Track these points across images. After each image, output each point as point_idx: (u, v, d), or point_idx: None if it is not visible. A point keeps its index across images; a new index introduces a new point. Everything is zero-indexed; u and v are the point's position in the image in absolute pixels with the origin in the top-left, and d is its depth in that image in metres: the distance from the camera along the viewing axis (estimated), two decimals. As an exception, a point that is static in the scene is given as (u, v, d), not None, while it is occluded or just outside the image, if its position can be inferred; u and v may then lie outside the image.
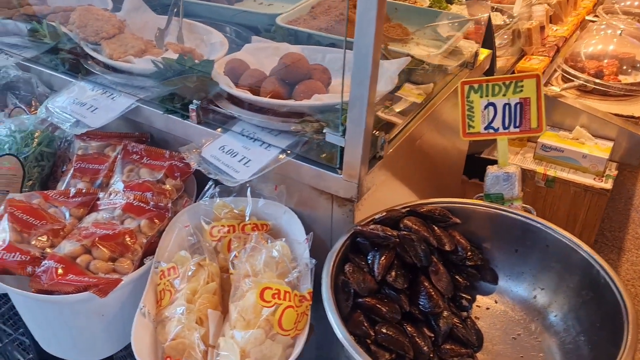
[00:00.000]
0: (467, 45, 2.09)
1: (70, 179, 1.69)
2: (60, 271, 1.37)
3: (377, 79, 1.28)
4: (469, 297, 1.47)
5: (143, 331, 1.33)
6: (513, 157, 2.74)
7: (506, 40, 3.12)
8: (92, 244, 1.43)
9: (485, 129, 1.58)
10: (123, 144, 1.74)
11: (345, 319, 1.27)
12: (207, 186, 1.61)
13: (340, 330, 1.19)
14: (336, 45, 1.93)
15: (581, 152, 2.51)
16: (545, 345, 1.38)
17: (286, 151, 1.52)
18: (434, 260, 1.42)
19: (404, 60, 1.64)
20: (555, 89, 2.81)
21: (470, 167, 2.55)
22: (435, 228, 1.48)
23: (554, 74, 3.08)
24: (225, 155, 1.53)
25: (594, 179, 2.50)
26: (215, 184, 1.61)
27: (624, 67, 3.00)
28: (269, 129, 1.58)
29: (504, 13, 3.19)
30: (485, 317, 1.47)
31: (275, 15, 2.12)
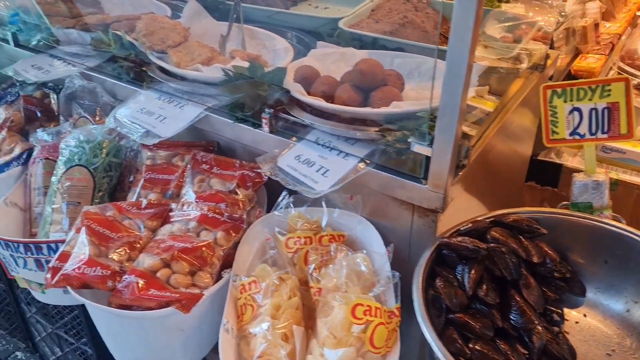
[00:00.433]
0: (536, 47, 2.02)
1: (141, 189, 1.67)
2: (141, 286, 1.35)
3: (469, 87, 1.23)
4: (560, 311, 1.41)
5: (228, 348, 1.30)
6: (571, 159, 2.66)
7: (561, 38, 3.04)
8: (172, 257, 1.41)
9: (571, 134, 1.52)
10: (192, 153, 1.71)
11: (439, 335, 1.22)
12: (281, 196, 1.57)
13: (439, 349, 1.14)
14: (404, 49, 1.88)
15: (644, 154, 2.42)
16: (644, 362, 1.31)
17: (365, 160, 1.47)
18: (524, 273, 1.37)
19: (481, 66, 1.59)
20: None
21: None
22: (522, 239, 1.43)
23: (609, 72, 2.99)
24: (302, 165, 1.50)
25: (659, 181, 2.40)
26: (289, 193, 1.57)
27: (683, 64, 2.90)
28: (344, 137, 1.54)
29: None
30: (575, 332, 1.41)
31: (336, 19, 2.09)
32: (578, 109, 1.51)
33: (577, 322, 1.43)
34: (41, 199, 1.78)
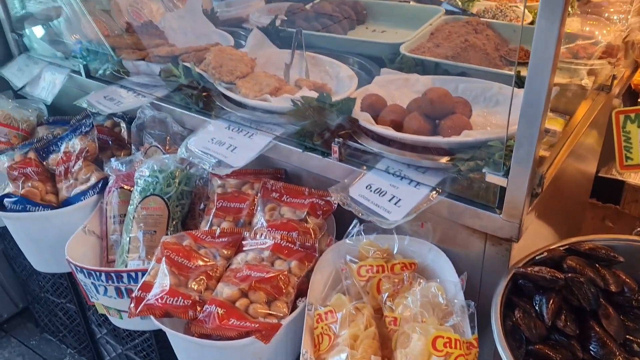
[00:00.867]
0: (600, 62, 1.99)
1: (214, 217, 1.72)
2: (222, 315, 1.39)
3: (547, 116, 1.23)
4: (640, 341, 1.39)
5: (309, 377, 1.32)
6: (634, 176, 2.60)
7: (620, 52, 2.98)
8: (249, 287, 1.45)
9: (646, 160, 1.50)
10: (262, 181, 1.75)
11: (520, 368, 1.22)
12: (352, 224, 1.59)
13: (523, 383, 1.14)
14: (467, 74, 1.89)
15: None
16: None
17: (437, 189, 1.48)
18: (603, 303, 1.35)
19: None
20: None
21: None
22: (599, 267, 1.41)
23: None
24: (374, 195, 1.52)
25: None
26: (359, 221, 1.59)
27: None
28: (415, 165, 1.55)
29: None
30: (656, 363, 1.38)
31: (397, 44, 2.10)
32: (653, 134, 1.49)
33: (658, 352, 1.40)
34: (117, 227, 1.84)
